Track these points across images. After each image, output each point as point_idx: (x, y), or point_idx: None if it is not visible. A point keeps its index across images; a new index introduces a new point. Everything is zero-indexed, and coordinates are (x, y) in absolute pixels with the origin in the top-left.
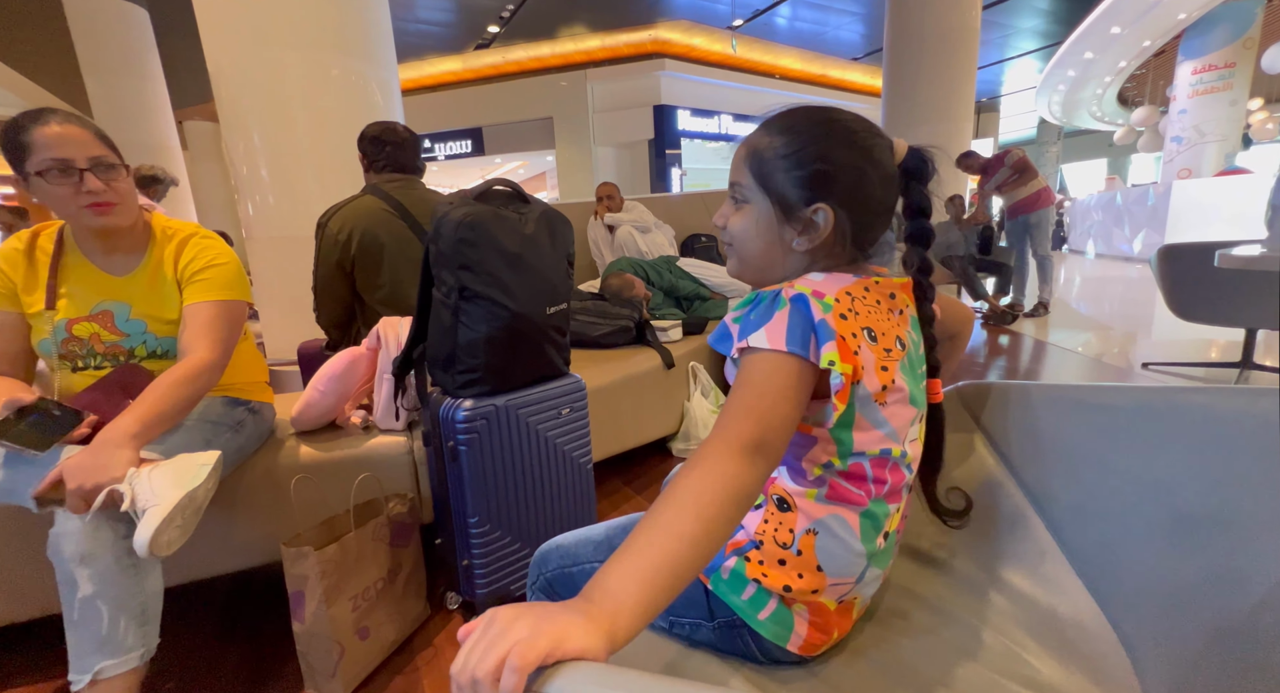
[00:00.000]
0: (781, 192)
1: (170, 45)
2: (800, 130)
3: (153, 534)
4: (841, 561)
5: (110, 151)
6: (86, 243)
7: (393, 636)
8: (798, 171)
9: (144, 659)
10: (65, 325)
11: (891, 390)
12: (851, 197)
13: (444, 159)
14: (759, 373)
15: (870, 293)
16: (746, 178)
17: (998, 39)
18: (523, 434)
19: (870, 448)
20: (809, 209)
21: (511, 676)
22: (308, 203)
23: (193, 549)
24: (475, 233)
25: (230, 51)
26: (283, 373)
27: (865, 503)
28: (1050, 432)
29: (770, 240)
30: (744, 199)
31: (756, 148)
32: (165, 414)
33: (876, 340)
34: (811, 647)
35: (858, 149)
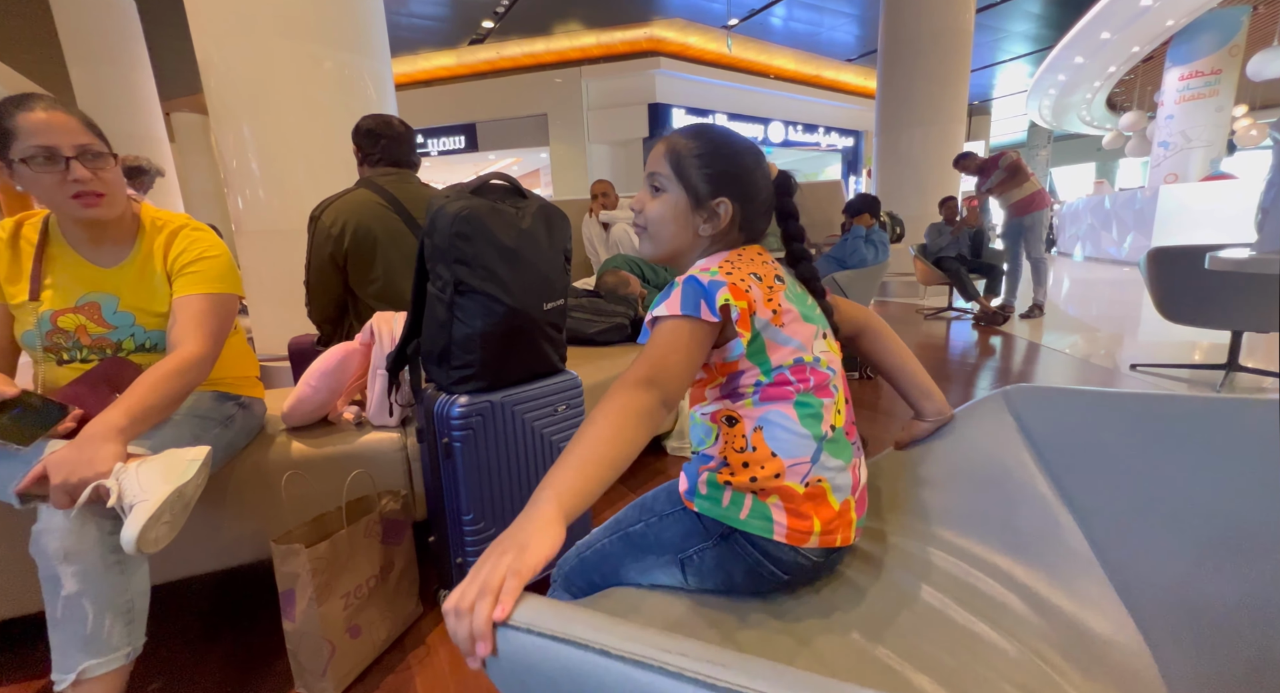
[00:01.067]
0: (694, 184)
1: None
2: (712, 139)
3: (140, 530)
4: (790, 443)
5: (98, 140)
6: (73, 233)
7: (385, 634)
8: (707, 169)
9: (129, 659)
10: (50, 317)
11: (783, 313)
12: (745, 194)
13: (437, 155)
14: (657, 333)
15: (743, 255)
16: (666, 169)
17: (990, 42)
18: (518, 431)
19: (785, 361)
20: (714, 201)
21: (513, 579)
22: (299, 196)
23: (181, 546)
24: (471, 227)
25: (219, 42)
26: (273, 368)
27: (793, 396)
28: (1098, 440)
29: (682, 224)
30: (662, 188)
31: (675, 147)
32: (153, 408)
33: (761, 279)
34: (797, 534)
35: (751, 158)
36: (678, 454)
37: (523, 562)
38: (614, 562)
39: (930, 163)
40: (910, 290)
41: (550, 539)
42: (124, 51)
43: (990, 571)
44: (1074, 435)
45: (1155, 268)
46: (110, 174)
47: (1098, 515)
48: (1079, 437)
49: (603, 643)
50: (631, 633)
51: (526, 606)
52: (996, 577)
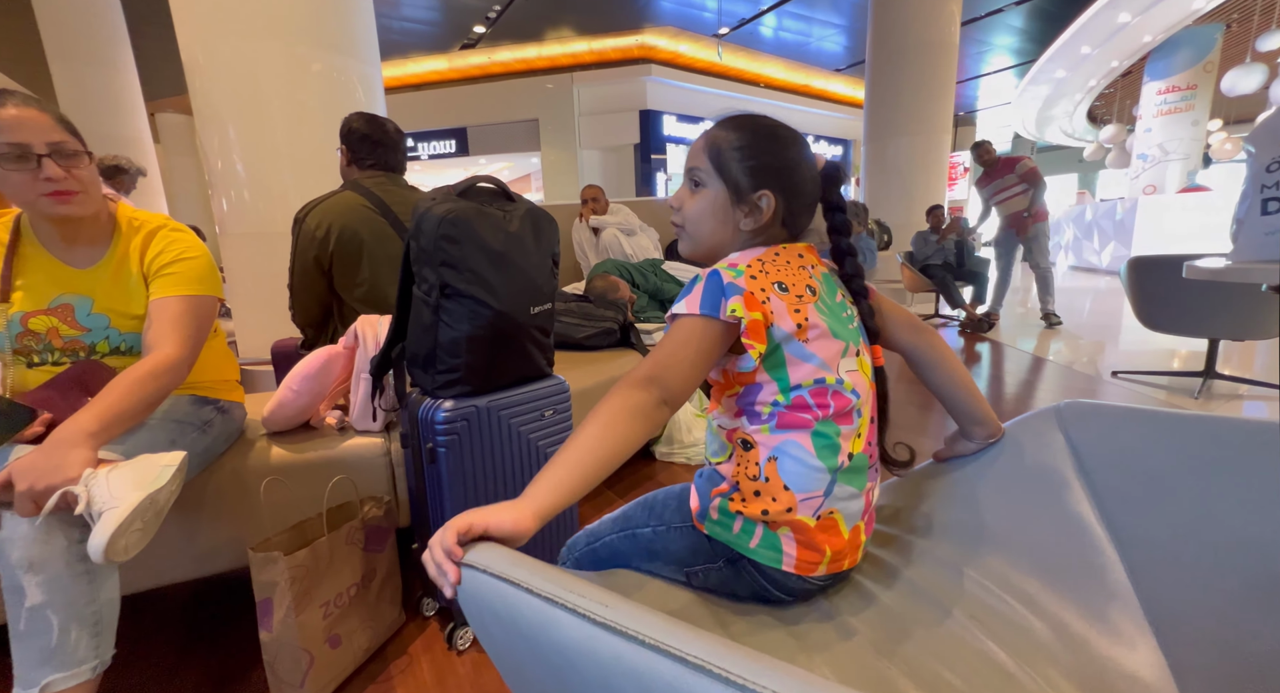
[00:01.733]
0: (735, 178)
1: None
2: (753, 130)
3: (109, 539)
4: (804, 477)
5: (71, 137)
6: (45, 233)
7: (366, 643)
8: (749, 162)
9: (96, 672)
10: (20, 319)
11: (809, 328)
12: (789, 187)
13: (427, 158)
14: (673, 331)
15: (780, 255)
16: (706, 164)
17: (975, 55)
18: (504, 436)
19: (805, 380)
20: (756, 194)
21: (449, 530)
22: (284, 199)
23: (154, 554)
24: (458, 230)
25: (205, 42)
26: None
27: (812, 425)
28: (1150, 464)
29: (722, 220)
30: (701, 183)
31: (715, 140)
32: (126, 413)
33: (787, 290)
34: (806, 564)
35: (795, 150)
36: (666, 460)
37: (485, 517)
38: (623, 558)
39: (917, 172)
40: (897, 297)
41: (512, 520)
42: (108, 51)
43: (1016, 593)
44: (1124, 457)
45: (1135, 277)
46: (84, 172)
47: (1141, 544)
48: (1129, 459)
49: (528, 582)
50: (548, 575)
51: (483, 550)
52: (1022, 600)
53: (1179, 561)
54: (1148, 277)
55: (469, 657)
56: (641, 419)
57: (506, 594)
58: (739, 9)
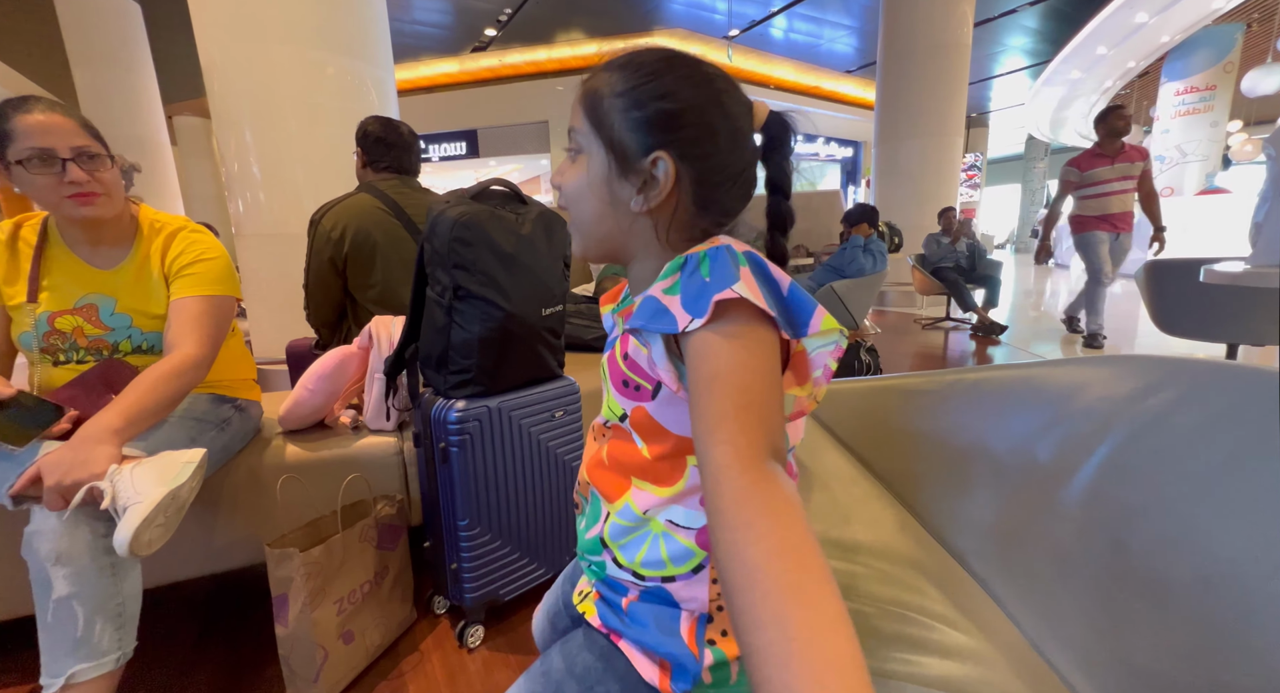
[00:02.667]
0: (619, 137)
1: (161, 39)
2: (643, 65)
3: (134, 533)
4: None
5: (95, 142)
6: (71, 235)
7: (378, 640)
8: (636, 111)
9: (119, 663)
10: (47, 318)
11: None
12: (696, 147)
13: (438, 161)
14: (751, 345)
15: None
16: (582, 122)
17: (987, 56)
18: (515, 436)
19: (796, 441)
20: (647, 159)
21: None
22: (299, 200)
23: (173, 550)
24: (471, 232)
25: (223, 46)
26: (271, 372)
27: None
28: (876, 418)
29: (605, 198)
30: (579, 148)
31: (594, 87)
32: (149, 410)
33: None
34: None
35: (707, 90)
36: None
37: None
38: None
39: (928, 174)
40: (907, 300)
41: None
42: (127, 55)
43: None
44: (858, 419)
45: (1151, 281)
46: (107, 175)
47: (899, 477)
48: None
49: None
50: None
51: None
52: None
53: (931, 484)
54: (1165, 281)
55: (479, 655)
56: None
57: None
58: (749, 11)
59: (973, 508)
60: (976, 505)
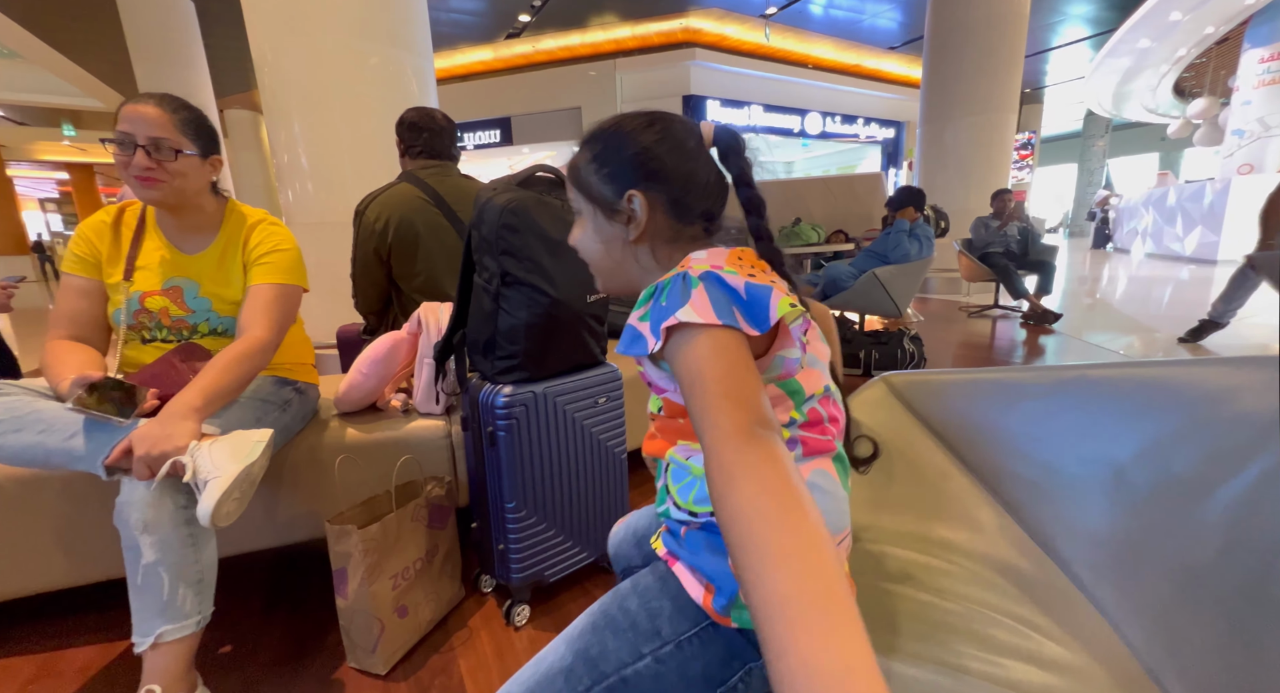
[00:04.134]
0: (598, 194)
1: (213, 35)
2: (599, 136)
3: (215, 504)
4: (836, 513)
5: (181, 137)
6: (164, 221)
7: (429, 615)
8: (604, 170)
9: (200, 626)
10: (139, 298)
11: (811, 329)
12: (657, 176)
13: (473, 148)
14: (707, 352)
15: (745, 257)
16: (573, 194)
17: (1046, 26)
18: (560, 422)
19: (816, 388)
20: (622, 200)
21: None
22: (345, 190)
23: (242, 523)
24: (518, 219)
25: (274, 39)
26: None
27: (834, 447)
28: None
29: (607, 240)
30: (578, 213)
31: (574, 165)
32: (224, 389)
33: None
34: None
35: (651, 133)
36: None
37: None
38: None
39: (978, 155)
40: (952, 287)
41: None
42: (184, 51)
43: (917, 541)
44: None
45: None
46: (177, 166)
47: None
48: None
49: None
50: None
51: None
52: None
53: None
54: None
55: (525, 633)
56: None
57: None
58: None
59: (1085, 516)
60: (1090, 514)
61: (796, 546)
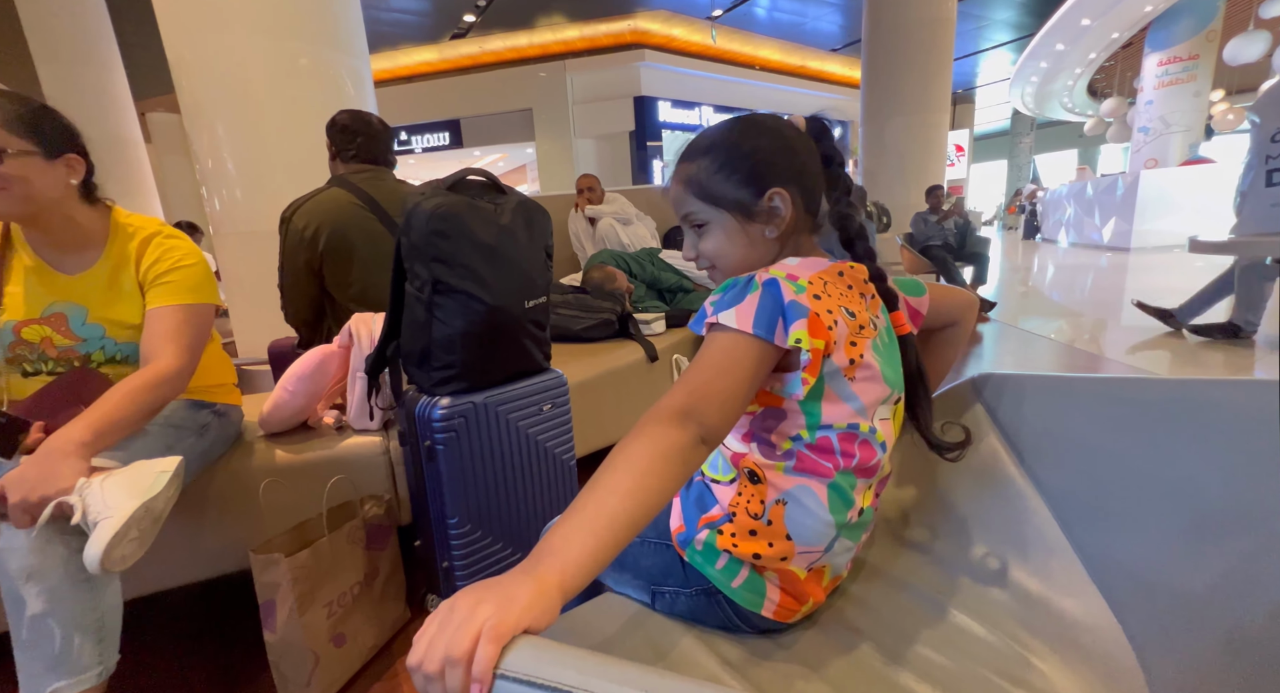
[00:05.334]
0: (734, 198)
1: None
2: (718, 143)
3: (105, 549)
4: (810, 530)
5: (4, 135)
6: (33, 238)
7: (371, 641)
8: (737, 175)
9: (102, 678)
10: (12, 328)
11: (860, 366)
12: (791, 171)
13: (421, 152)
14: (712, 349)
15: (844, 277)
16: (695, 204)
17: (972, 30)
18: (503, 431)
19: (838, 422)
20: (765, 198)
21: (489, 645)
22: (277, 197)
23: (156, 559)
24: (448, 224)
25: (190, 38)
26: (254, 372)
27: (832, 475)
28: (1067, 425)
29: (745, 244)
30: (704, 223)
31: (691, 175)
32: (120, 422)
33: (854, 317)
34: (786, 612)
35: (770, 132)
36: None
37: (502, 622)
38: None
39: (915, 152)
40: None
41: (541, 611)
42: (94, 50)
43: (965, 559)
44: (1043, 421)
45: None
46: (9, 170)
47: (1070, 501)
48: (1048, 422)
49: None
50: (618, 674)
51: (518, 650)
52: (971, 564)
53: (1107, 513)
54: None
55: None
56: (679, 465)
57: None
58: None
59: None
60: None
61: (605, 482)
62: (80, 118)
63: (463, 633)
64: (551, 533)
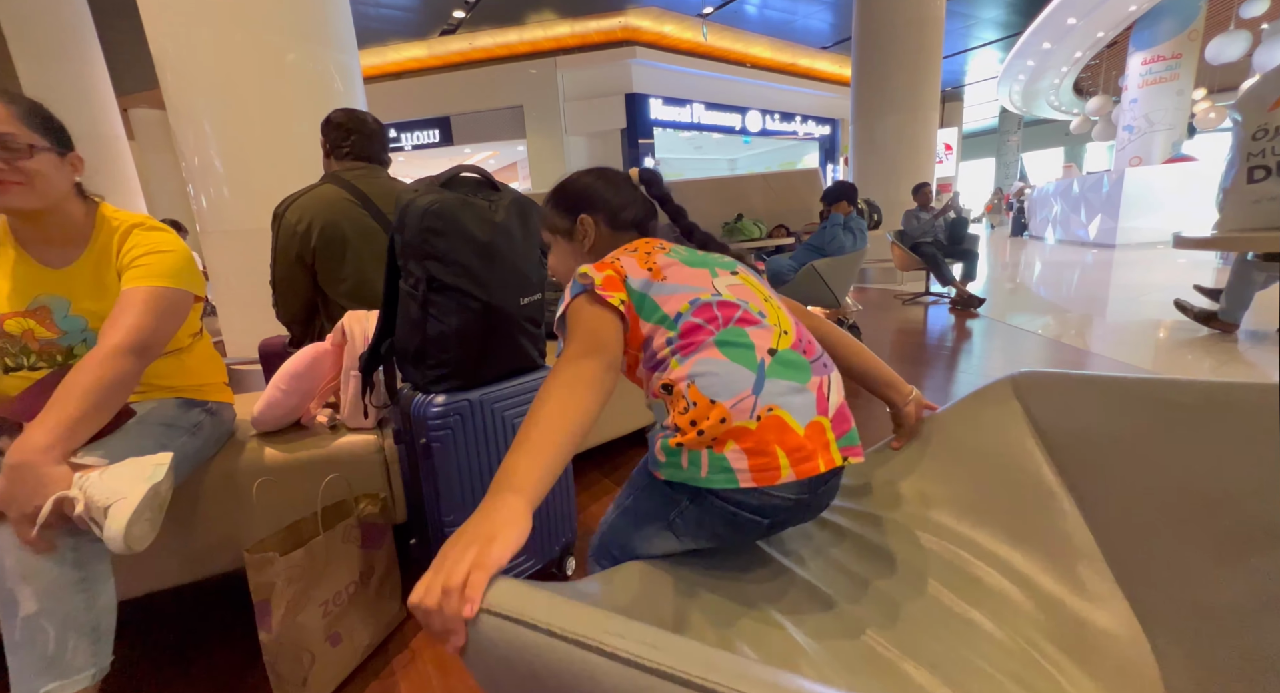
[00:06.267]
0: (557, 226)
1: (110, 28)
2: (556, 189)
3: (126, 526)
4: (723, 382)
5: (27, 130)
6: (21, 232)
7: (367, 640)
8: (558, 208)
9: (95, 679)
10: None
11: (662, 268)
12: (594, 201)
13: (411, 149)
14: (570, 321)
15: (627, 248)
16: (544, 234)
17: (961, 29)
18: (498, 429)
19: (680, 306)
20: (574, 222)
21: (478, 573)
22: (265, 194)
23: (150, 559)
24: (442, 221)
25: (174, 32)
26: (245, 372)
27: (712, 336)
28: (1106, 427)
29: (571, 254)
30: (549, 246)
31: (541, 214)
32: (78, 418)
33: (635, 251)
34: (763, 474)
35: (588, 177)
36: None
37: (489, 556)
38: (623, 536)
39: (904, 150)
40: (888, 276)
41: (517, 532)
42: (75, 46)
43: (989, 559)
44: (1081, 422)
45: None
46: (32, 165)
47: (1102, 505)
48: (1086, 424)
49: (550, 624)
50: (579, 614)
51: (497, 589)
52: (995, 565)
53: (1140, 519)
54: None
55: None
56: (596, 386)
57: (529, 642)
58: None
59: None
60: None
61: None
62: (60, 114)
63: (458, 568)
64: (506, 462)
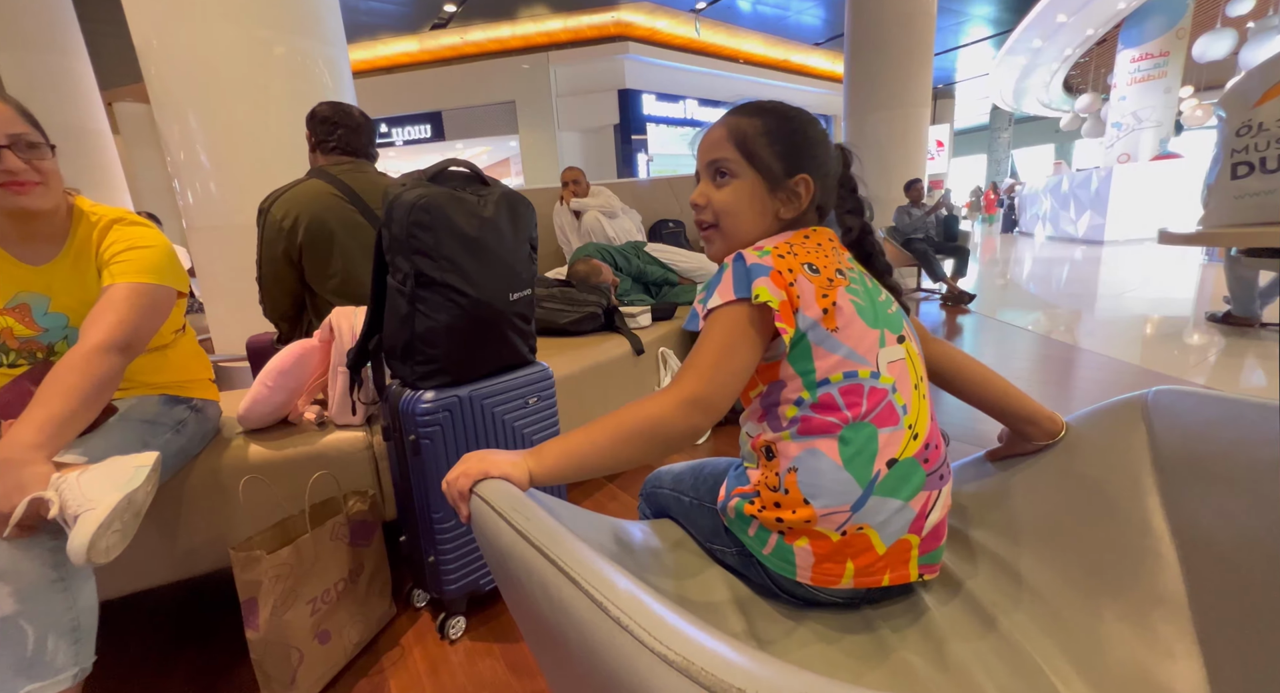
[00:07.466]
0: (768, 164)
1: (94, 20)
2: (777, 112)
3: (90, 540)
4: (825, 490)
5: (33, 129)
6: (3, 230)
7: (357, 637)
8: (779, 146)
9: (77, 680)
10: None
11: (837, 313)
12: (821, 168)
13: (401, 145)
14: (715, 328)
15: (810, 238)
16: (733, 153)
17: (953, 26)
18: (488, 425)
19: (833, 374)
20: (793, 180)
21: (463, 479)
22: (252, 190)
23: (135, 557)
24: (431, 216)
25: (158, 25)
26: (232, 369)
27: (839, 429)
28: (1235, 460)
29: (760, 211)
30: (730, 173)
31: (738, 126)
32: (66, 416)
33: (818, 272)
34: (826, 576)
35: (819, 129)
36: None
37: (478, 470)
38: (672, 511)
39: (895, 146)
40: None
41: (511, 476)
42: (57, 38)
43: (1062, 598)
44: (1208, 453)
45: None
46: (46, 164)
47: (1204, 548)
48: (1213, 455)
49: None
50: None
51: (493, 486)
52: (1067, 603)
53: (1239, 569)
54: None
55: (461, 646)
56: (663, 448)
57: (503, 531)
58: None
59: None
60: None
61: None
62: (42, 108)
63: (465, 476)
64: (553, 441)
